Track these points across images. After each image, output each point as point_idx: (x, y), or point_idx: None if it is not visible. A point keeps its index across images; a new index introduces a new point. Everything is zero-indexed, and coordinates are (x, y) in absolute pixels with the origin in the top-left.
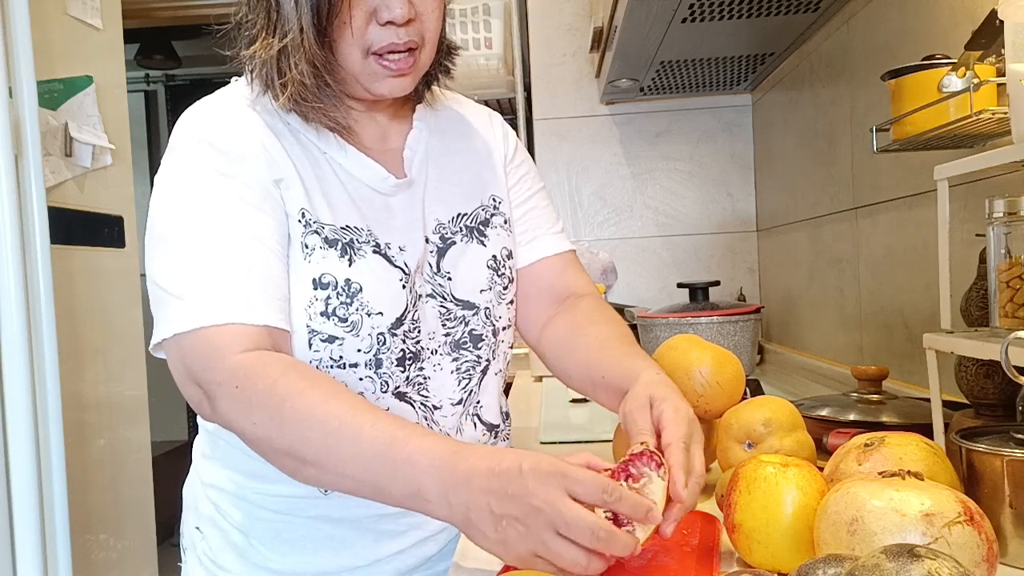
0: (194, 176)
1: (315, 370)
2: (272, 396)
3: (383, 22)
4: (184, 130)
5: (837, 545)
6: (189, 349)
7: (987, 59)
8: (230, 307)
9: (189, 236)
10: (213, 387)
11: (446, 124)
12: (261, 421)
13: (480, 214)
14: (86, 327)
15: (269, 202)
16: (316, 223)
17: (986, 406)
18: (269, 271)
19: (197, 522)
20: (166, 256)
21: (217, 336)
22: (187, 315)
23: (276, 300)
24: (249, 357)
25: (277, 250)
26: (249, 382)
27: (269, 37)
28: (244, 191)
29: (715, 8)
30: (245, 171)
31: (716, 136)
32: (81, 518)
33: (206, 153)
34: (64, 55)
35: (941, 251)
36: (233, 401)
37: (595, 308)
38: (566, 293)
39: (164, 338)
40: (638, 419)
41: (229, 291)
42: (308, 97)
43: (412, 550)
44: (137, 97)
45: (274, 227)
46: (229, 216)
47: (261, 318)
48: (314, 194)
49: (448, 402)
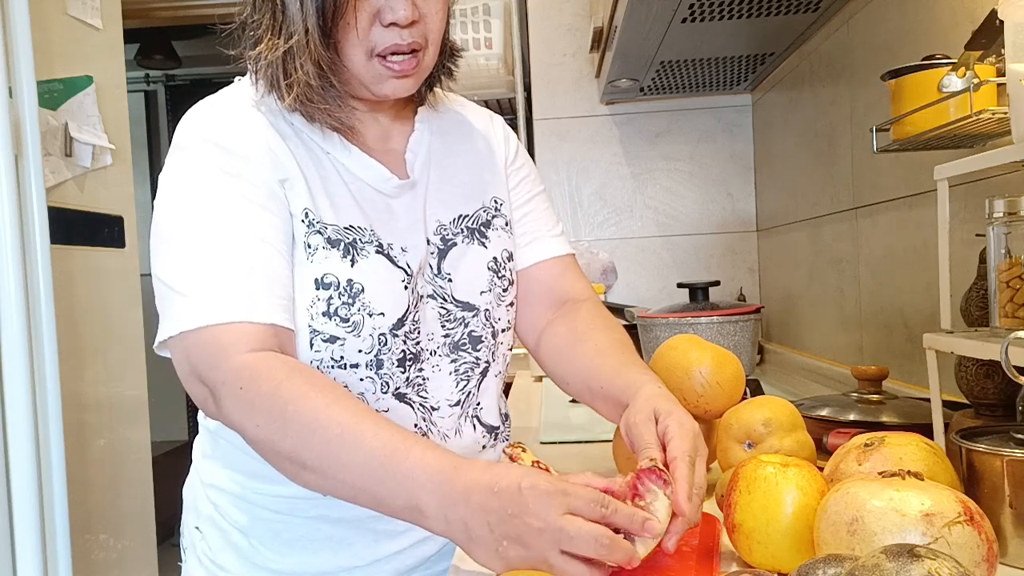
0: (199, 175)
1: (319, 374)
2: (275, 399)
3: (387, 23)
4: (188, 129)
5: (837, 545)
6: (194, 347)
7: (987, 59)
8: (235, 305)
9: (194, 235)
10: (218, 386)
11: (448, 126)
12: (264, 424)
13: (482, 215)
14: (86, 327)
15: (274, 202)
16: (319, 223)
17: (986, 406)
18: (273, 271)
19: (197, 522)
20: (171, 254)
21: (223, 334)
22: (192, 313)
23: (280, 299)
24: (254, 358)
25: (282, 250)
26: (253, 384)
27: (275, 38)
28: (249, 190)
29: (715, 8)
30: (250, 170)
31: (716, 136)
32: (81, 518)
33: (211, 152)
34: (64, 55)
35: (941, 251)
36: (237, 402)
37: (594, 315)
38: (565, 298)
39: (170, 336)
40: (643, 433)
41: (234, 289)
42: (314, 98)
43: (411, 550)
44: (137, 97)
45: (279, 226)
46: (234, 215)
47: (266, 317)
48: (317, 194)
49: (446, 403)
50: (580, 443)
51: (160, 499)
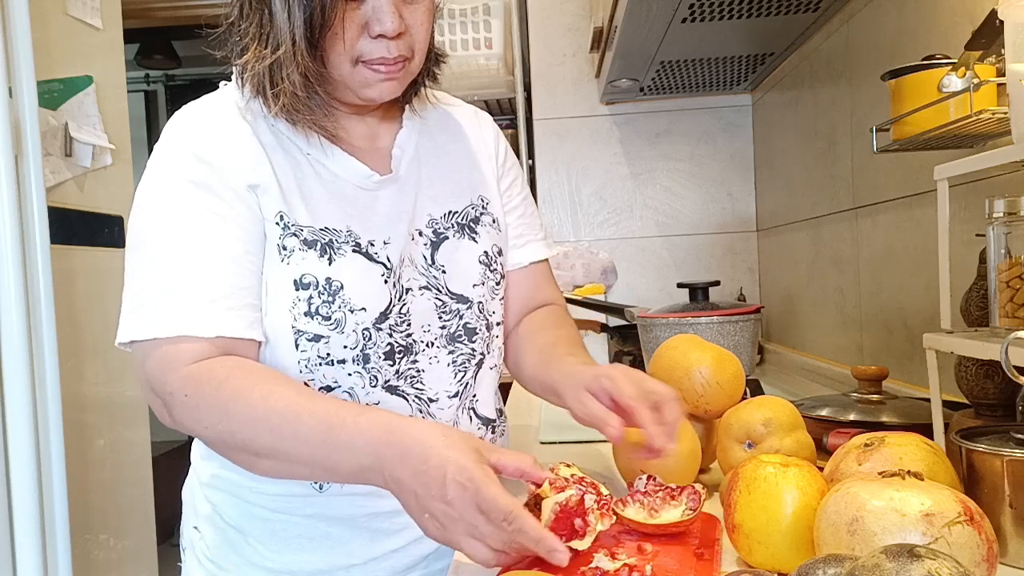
0: (166, 187)
1: (258, 366)
2: (217, 399)
3: (374, 35)
4: (167, 136)
5: (837, 545)
6: (147, 359)
7: (987, 59)
8: (184, 320)
9: (154, 245)
10: (167, 396)
11: (435, 125)
12: (211, 424)
13: (470, 212)
14: (86, 327)
15: (241, 211)
16: (294, 225)
17: (986, 406)
18: (229, 282)
19: (195, 522)
20: (134, 264)
21: (171, 348)
22: (144, 324)
23: (235, 311)
24: (199, 366)
25: (246, 260)
26: (196, 389)
27: (261, 48)
28: (213, 202)
29: (715, 8)
30: (219, 180)
31: (716, 136)
32: (81, 518)
33: (183, 162)
34: (64, 55)
35: (941, 251)
36: (185, 408)
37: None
38: (538, 305)
39: (121, 343)
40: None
41: (185, 304)
42: (299, 107)
43: (408, 548)
44: (137, 97)
45: (243, 237)
46: (196, 228)
47: (211, 330)
48: (292, 198)
49: (445, 394)
50: (580, 443)
51: (160, 499)
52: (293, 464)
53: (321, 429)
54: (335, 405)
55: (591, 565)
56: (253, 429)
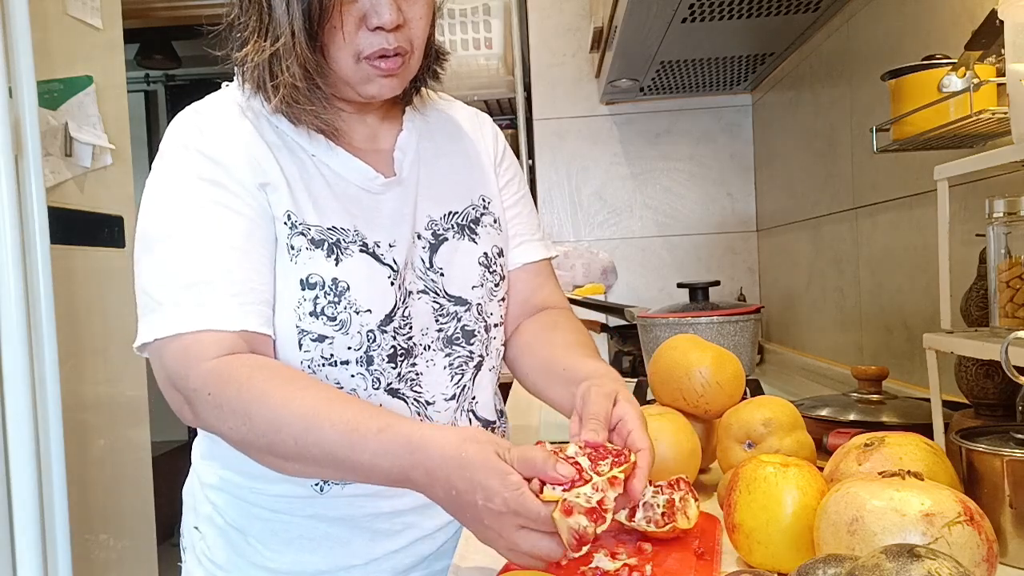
0: (177, 183)
1: (281, 367)
2: (239, 401)
3: (372, 27)
4: (172, 136)
5: (837, 545)
6: (168, 355)
7: (987, 59)
8: (205, 314)
9: (170, 243)
10: (190, 393)
11: (436, 126)
12: (235, 425)
13: (471, 212)
14: (86, 327)
15: (253, 207)
16: (302, 224)
17: (986, 406)
18: (247, 277)
19: (196, 522)
20: (148, 262)
21: (193, 343)
22: (165, 322)
23: (254, 305)
24: (220, 362)
25: (259, 256)
26: (219, 388)
27: (261, 40)
28: (226, 197)
29: (715, 8)
30: (229, 177)
31: (716, 136)
32: (81, 518)
33: (191, 159)
34: (64, 55)
35: (941, 251)
36: (209, 407)
37: (567, 319)
38: (540, 308)
39: (144, 343)
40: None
41: (205, 298)
42: (300, 100)
43: (408, 549)
44: (137, 97)
45: (257, 233)
46: (209, 223)
47: (236, 324)
48: (300, 196)
49: (441, 397)
50: None
51: (160, 499)
52: (322, 468)
53: (343, 443)
54: (353, 411)
55: (591, 565)
56: (277, 434)
